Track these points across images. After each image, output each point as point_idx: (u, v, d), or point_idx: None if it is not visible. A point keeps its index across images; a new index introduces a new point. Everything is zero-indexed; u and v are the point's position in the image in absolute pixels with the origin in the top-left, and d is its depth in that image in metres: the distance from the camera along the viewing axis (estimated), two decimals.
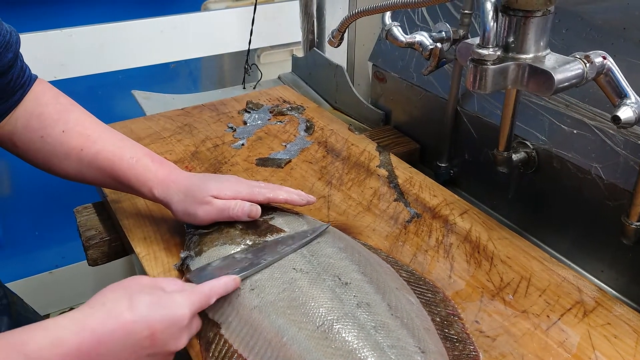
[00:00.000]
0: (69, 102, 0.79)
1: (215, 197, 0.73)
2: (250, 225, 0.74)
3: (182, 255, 0.73)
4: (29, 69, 0.78)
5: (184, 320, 0.57)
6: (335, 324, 0.58)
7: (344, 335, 0.57)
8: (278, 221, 0.75)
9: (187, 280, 0.66)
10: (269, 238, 0.72)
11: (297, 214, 0.79)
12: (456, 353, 0.62)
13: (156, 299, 0.56)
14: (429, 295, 0.70)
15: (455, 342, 0.63)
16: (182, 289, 0.60)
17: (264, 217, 0.76)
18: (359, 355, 0.55)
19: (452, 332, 0.64)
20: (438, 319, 0.66)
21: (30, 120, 0.75)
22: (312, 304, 0.61)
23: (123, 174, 0.75)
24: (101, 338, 0.52)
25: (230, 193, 0.74)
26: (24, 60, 0.77)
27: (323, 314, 0.59)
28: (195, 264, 0.70)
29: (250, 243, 0.72)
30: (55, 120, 0.76)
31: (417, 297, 0.68)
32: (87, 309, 0.54)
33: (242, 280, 0.64)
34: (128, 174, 0.75)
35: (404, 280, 0.71)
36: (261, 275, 0.65)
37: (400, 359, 0.56)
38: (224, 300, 0.64)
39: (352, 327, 0.58)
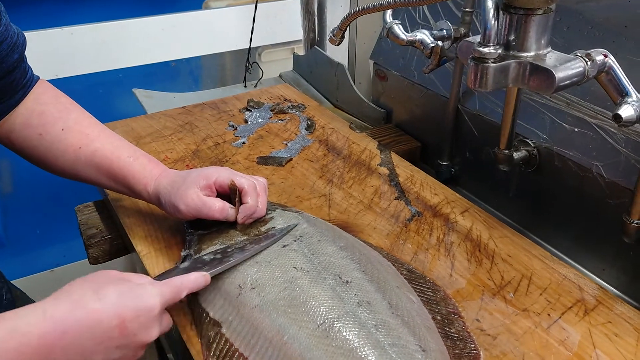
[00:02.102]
0: (69, 101, 0.80)
1: (202, 188, 0.72)
2: (250, 225, 0.74)
3: (183, 253, 0.73)
4: (32, 70, 0.79)
5: (154, 310, 0.56)
6: (336, 322, 0.58)
7: (344, 333, 0.57)
8: (278, 221, 0.75)
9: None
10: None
11: (297, 212, 0.79)
12: (457, 351, 0.62)
13: (126, 288, 0.55)
14: (430, 293, 0.69)
15: (456, 340, 0.63)
16: (152, 281, 0.59)
17: (264, 217, 0.76)
18: (360, 353, 0.55)
19: (453, 330, 0.64)
20: (439, 317, 0.66)
21: (30, 119, 0.76)
22: (313, 302, 0.61)
23: (120, 171, 0.76)
24: (66, 328, 0.51)
25: (215, 176, 0.73)
26: (27, 61, 0.77)
27: (324, 312, 0.59)
28: None
29: (249, 242, 0.72)
30: (55, 118, 0.77)
31: (418, 296, 0.68)
32: (52, 300, 0.53)
33: (212, 276, 0.64)
34: (124, 172, 0.76)
35: (405, 278, 0.71)
36: (262, 274, 0.65)
37: (401, 358, 0.56)
38: (224, 299, 0.64)
39: (353, 326, 0.58)
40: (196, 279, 0.62)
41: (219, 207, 0.72)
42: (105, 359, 0.53)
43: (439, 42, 0.88)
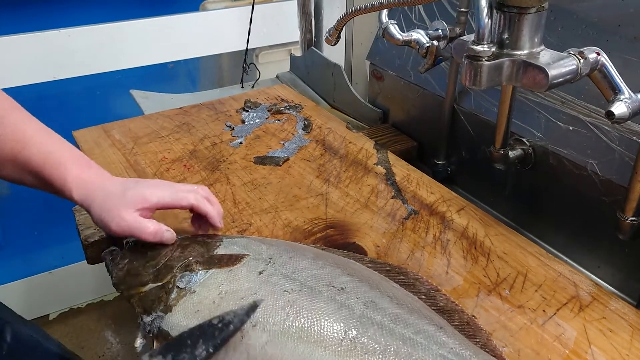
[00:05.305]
0: (9, 105, 0.74)
1: (138, 209, 0.68)
2: (203, 255, 0.68)
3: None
4: None
5: None
6: (354, 331, 0.56)
7: (370, 339, 0.55)
8: (234, 248, 0.69)
9: None
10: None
11: (243, 237, 0.75)
12: (456, 323, 0.62)
13: None
14: (402, 277, 0.69)
15: (449, 312, 0.64)
16: None
17: (219, 249, 0.69)
18: (393, 350, 0.54)
19: (441, 304, 0.65)
20: (423, 297, 0.66)
21: None
22: (325, 319, 0.57)
23: (49, 176, 0.71)
24: None
25: (156, 199, 0.69)
26: None
27: (340, 326, 0.56)
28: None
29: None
30: None
31: (394, 282, 0.68)
32: None
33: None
34: (52, 177, 0.71)
35: (372, 269, 0.70)
36: (257, 310, 0.60)
37: (428, 341, 0.56)
38: (226, 351, 0.57)
39: (373, 328, 0.56)
40: None
41: (153, 230, 0.68)
42: None
43: (435, 42, 0.88)
